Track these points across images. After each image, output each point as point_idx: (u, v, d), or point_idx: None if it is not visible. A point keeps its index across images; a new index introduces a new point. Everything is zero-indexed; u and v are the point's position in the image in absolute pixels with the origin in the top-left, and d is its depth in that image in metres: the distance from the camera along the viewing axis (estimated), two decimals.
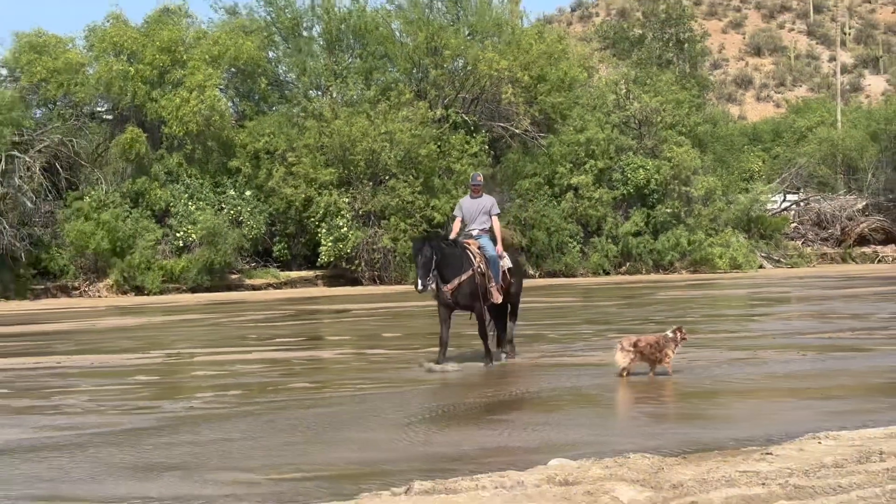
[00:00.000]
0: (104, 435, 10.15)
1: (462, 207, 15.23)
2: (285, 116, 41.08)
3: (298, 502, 6.84)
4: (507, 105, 42.66)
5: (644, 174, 43.85)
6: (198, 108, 37.43)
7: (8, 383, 14.32)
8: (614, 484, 6.70)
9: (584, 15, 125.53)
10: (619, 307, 27.01)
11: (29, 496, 7.77)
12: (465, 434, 9.75)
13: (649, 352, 12.78)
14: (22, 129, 36.09)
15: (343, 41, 43.55)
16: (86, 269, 36.36)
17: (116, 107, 39.52)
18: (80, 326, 24.61)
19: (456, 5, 45.05)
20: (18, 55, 38.77)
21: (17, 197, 34.73)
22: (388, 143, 38.77)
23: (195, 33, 41.17)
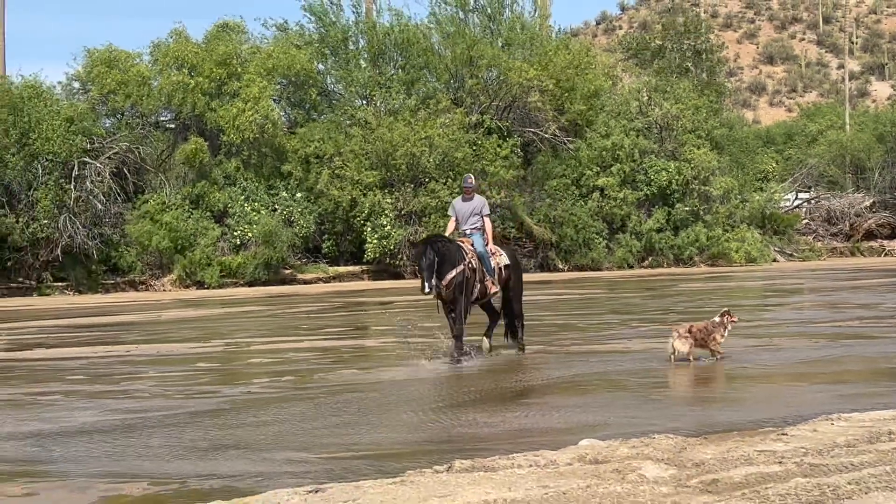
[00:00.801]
0: (170, 417, 10.21)
1: (455, 208, 14.67)
2: (333, 124, 41.16)
3: (348, 479, 6.83)
4: (536, 112, 42.69)
5: (666, 175, 43.76)
6: (253, 118, 37.59)
7: (83, 370, 14.44)
8: (641, 462, 6.67)
9: (608, 28, 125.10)
10: (642, 298, 26.90)
11: (102, 473, 7.82)
12: (501, 416, 9.73)
13: (700, 337, 12.70)
14: (93, 137, 36.37)
15: (386, 54, 43.60)
16: (151, 266, 36.62)
17: (178, 116, 39.76)
18: (147, 318, 24.79)
19: (490, 20, 45.07)
20: (90, 69, 39.08)
21: (89, 199, 35.01)
22: (427, 148, 38.81)
23: (250, 48, 41.33)
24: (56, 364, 15.53)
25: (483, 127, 41.44)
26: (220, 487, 7.24)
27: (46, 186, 34.10)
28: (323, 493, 6.21)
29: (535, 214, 41.79)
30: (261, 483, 7.17)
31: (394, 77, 43.23)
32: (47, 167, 34.45)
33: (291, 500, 6.08)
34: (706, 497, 5.79)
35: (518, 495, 5.89)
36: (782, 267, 43.95)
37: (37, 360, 16.15)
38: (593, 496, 5.84)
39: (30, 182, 34.35)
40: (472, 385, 11.70)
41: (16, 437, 9.33)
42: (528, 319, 20.65)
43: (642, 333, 17.10)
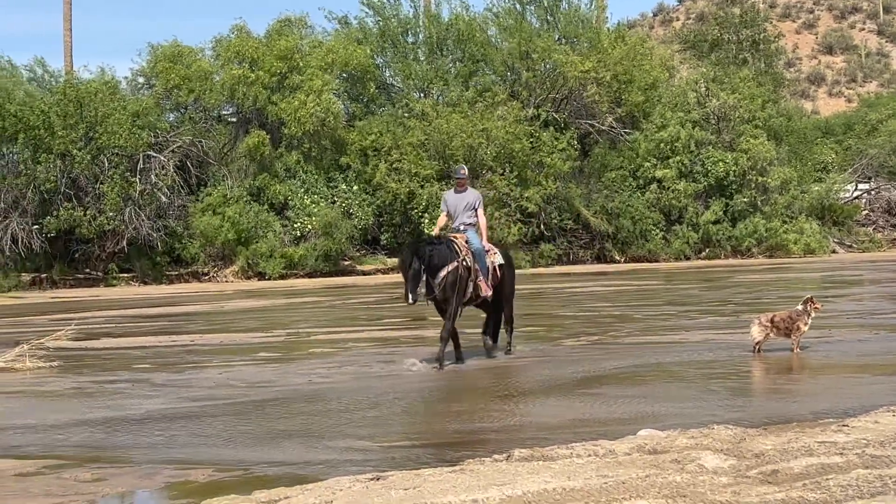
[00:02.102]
0: (233, 405, 10.31)
1: (447, 202, 13.43)
2: (391, 117, 41.26)
3: (408, 468, 6.87)
4: (593, 104, 42.49)
5: (723, 167, 43.37)
6: (314, 111, 37.78)
7: (149, 359, 14.62)
8: (700, 452, 6.62)
9: (665, 19, 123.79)
10: (699, 290, 26.66)
11: (168, 459, 7.92)
12: (559, 406, 9.71)
13: (783, 326, 12.53)
14: (157, 131, 36.76)
15: (444, 47, 43.63)
16: (214, 257, 36.98)
17: (240, 110, 40.06)
18: (210, 308, 25.05)
19: (547, 12, 44.91)
20: (154, 64, 39.51)
21: (154, 192, 35.41)
22: (484, 140, 38.78)
23: (310, 42, 41.52)
24: (123, 353, 15.77)
25: (539, 119, 41.32)
26: (284, 474, 7.31)
27: (112, 180, 34.53)
28: (384, 481, 6.25)
29: (592, 206, 41.61)
30: (323, 470, 7.22)
31: (451, 70, 43.26)
32: (113, 161, 34.89)
33: (353, 487, 6.13)
34: (766, 488, 5.74)
35: (577, 484, 5.88)
36: (842, 258, 43.34)
37: (104, 349, 16.39)
38: (652, 486, 5.81)
39: (96, 175, 34.80)
40: (529, 375, 11.69)
41: (85, 424, 9.48)
42: (585, 310, 20.71)
43: (700, 325, 16.97)
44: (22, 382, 12.53)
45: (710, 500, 5.49)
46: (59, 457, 8.12)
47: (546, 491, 5.77)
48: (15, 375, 13.05)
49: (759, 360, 12.38)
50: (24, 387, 12.20)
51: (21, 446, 8.60)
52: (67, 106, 34.95)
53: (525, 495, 5.70)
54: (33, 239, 33.79)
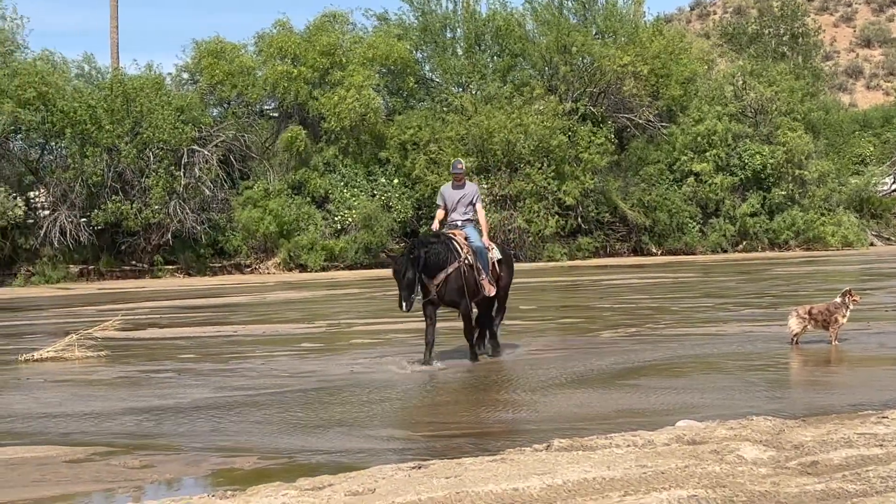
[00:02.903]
0: (277, 395, 10.38)
1: (444, 196, 12.83)
2: (430, 111, 41.24)
3: (449, 457, 6.88)
4: (631, 98, 42.30)
5: (760, 159, 43.05)
6: (353, 106, 37.85)
7: (194, 349, 14.75)
8: (739, 444, 6.59)
9: (702, 13, 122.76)
10: (736, 282, 26.48)
11: (214, 447, 7.99)
12: (598, 397, 9.69)
13: (821, 318, 12.43)
14: (201, 126, 36.96)
15: (482, 42, 43.56)
16: (256, 249, 37.16)
17: (282, 105, 40.20)
18: (253, 300, 25.19)
19: (584, 7, 44.71)
20: (198, 60, 39.73)
21: (198, 186, 35.62)
22: (522, 135, 38.70)
23: (352, 38, 41.57)
24: (168, 343, 15.90)
25: (577, 113, 41.16)
26: (327, 462, 7.36)
27: (157, 174, 34.78)
28: (426, 470, 6.27)
29: (629, 199, 41.43)
30: (366, 459, 7.26)
31: (489, 65, 43.19)
32: (158, 155, 35.13)
33: (396, 475, 6.15)
34: (806, 479, 5.70)
35: (617, 474, 5.87)
36: (879, 251, 42.88)
37: (151, 339, 16.54)
38: (692, 476, 5.79)
39: (142, 169, 35.06)
40: (568, 366, 11.66)
41: (133, 413, 9.58)
42: (622, 302, 20.63)
43: (738, 317, 16.87)
44: (71, 371, 12.68)
45: (749, 491, 5.46)
46: (107, 444, 8.21)
47: (586, 480, 5.76)
48: (65, 364, 13.20)
49: (797, 352, 12.29)
50: (73, 376, 12.33)
51: (71, 433, 8.71)
52: (114, 101, 35.24)
53: (565, 484, 5.70)
54: (81, 231, 34.10)
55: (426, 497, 5.55)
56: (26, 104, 33.46)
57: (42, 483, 7.03)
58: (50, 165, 36.10)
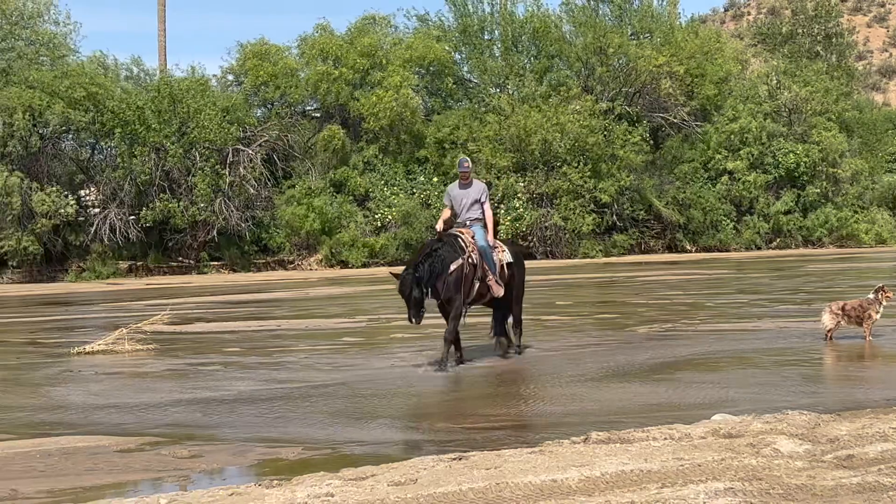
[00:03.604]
0: (319, 387, 10.40)
1: (450, 196, 12.14)
2: (468, 111, 41.27)
3: (489, 448, 6.87)
4: (666, 97, 42.09)
5: (794, 158, 42.75)
6: (391, 106, 37.93)
7: (239, 343, 14.82)
8: (775, 437, 6.53)
9: (736, 14, 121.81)
10: (770, 279, 26.25)
11: (259, 438, 8.03)
12: (635, 391, 9.63)
13: (854, 315, 12.31)
14: (245, 126, 37.20)
15: (520, 43, 43.49)
16: (299, 246, 37.35)
17: (323, 105, 40.35)
18: (295, 295, 25.27)
19: (620, 9, 44.52)
20: (243, 62, 39.97)
21: (242, 184, 35.86)
22: (559, 134, 38.63)
23: (392, 39, 41.65)
24: (215, 337, 15.98)
25: (613, 113, 41.01)
26: (369, 453, 7.37)
27: (203, 172, 35.05)
28: (466, 461, 6.27)
29: (664, 197, 41.24)
30: (407, 450, 7.27)
31: (526, 65, 43.12)
32: (204, 154, 35.40)
33: (437, 466, 6.16)
34: (842, 472, 5.65)
35: (654, 466, 5.84)
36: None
37: (197, 333, 16.63)
38: (728, 469, 5.75)
39: (188, 168, 35.34)
40: (606, 360, 11.60)
41: (181, 404, 9.65)
42: (657, 298, 20.51)
43: (772, 313, 16.71)
44: (122, 364, 12.79)
45: (785, 484, 5.42)
46: (157, 434, 8.26)
47: (624, 472, 5.74)
48: (115, 357, 13.32)
49: (831, 348, 12.16)
50: (123, 368, 12.44)
51: (122, 424, 8.78)
52: (162, 102, 35.55)
53: (603, 476, 5.68)
54: (130, 229, 34.44)
55: (467, 488, 5.55)
56: (76, 105, 33.81)
57: (94, 472, 7.10)
58: (100, 165, 36.51)
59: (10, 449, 7.82)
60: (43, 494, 6.43)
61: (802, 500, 5.17)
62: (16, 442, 8.08)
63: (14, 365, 13.08)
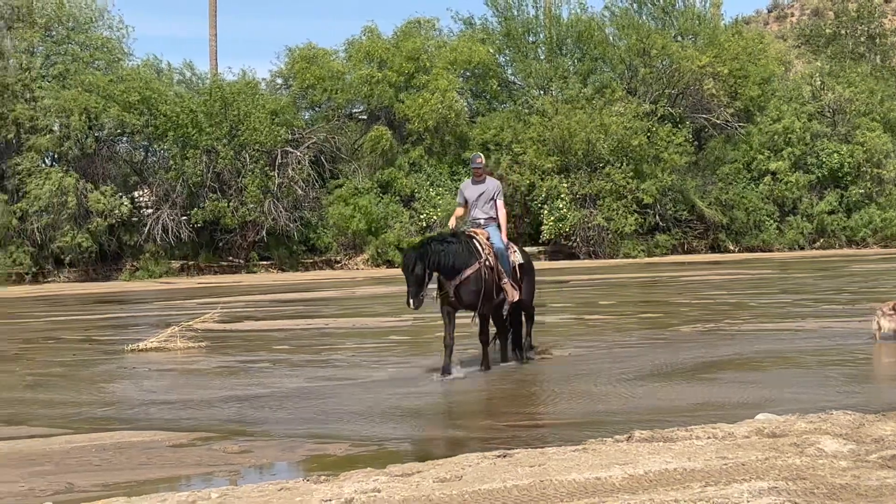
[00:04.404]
0: (367, 384, 10.45)
1: (463, 193, 11.54)
2: (512, 112, 41.20)
3: (533, 446, 6.85)
4: (709, 98, 41.76)
5: (838, 158, 42.24)
6: (437, 108, 37.97)
7: (287, 341, 14.92)
8: (819, 437, 6.45)
9: (779, 15, 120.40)
10: (814, 279, 25.93)
11: (308, 434, 8.07)
12: (678, 390, 9.56)
13: None
14: (293, 128, 37.42)
15: (564, 46, 43.32)
16: (346, 246, 37.50)
17: (369, 107, 40.47)
18: (342, 294, 25.39)
19: (663, 10, 44.22)
20: (291, 66, 40.19)
21: (291, 185, 36.07)
22: (602, 135, 38.46)
23: (436, 43, 41.68)
24: (264, 335, 16.10)
25: (656, 114, 40.76)
26: (415, 450, 7.40)
27: (253, 174, 35.31)
28: (510, 458, 6.26)
29: (707, 198, 40.91)
30: (452, 447, 7.26)
31: (570, 68, 42.95)
32: (254, 156, 35.65)
33: (481, 463, 6.15)
34: (886, 472, 5.56)
35: (697, 465, 5.79)
36: None
37: (247, 331, 16.76)
38: (772, 468, 5.69)
39: (238, 170, 35.62)
40: (648, 360, 11.53)
41: (232, 400, 9.72)
42: (700, 298, 20.35)
43: (816, 313, 16.52)
44: (174, 361, 12.91)
45: (830, 483, 5.35)
46: (208, 429, 8.33)
47: (667, 471, 5.70)
48: (167, 354, 13.45)
49: (877, 348, 11.98)
50: (175, 365, 12.57)
51: (174, 420, 8.86)
52: (213, 105, 35.86)
53: (647, 474, 5.64)
54: (182, 229, 34.79)
55: (511, 484, 5.54)
56: (131, 108, 34.21)
57: (147, 466, 7.17)
58: (153, 166, 36.92)
59: (66, 443, 7.93)
60: (98, 488, 6.50)
61: (847, 499, 5.10)
62: (72, 436, 8.19)
63: (70, 362, 13.26)
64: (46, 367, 12.62)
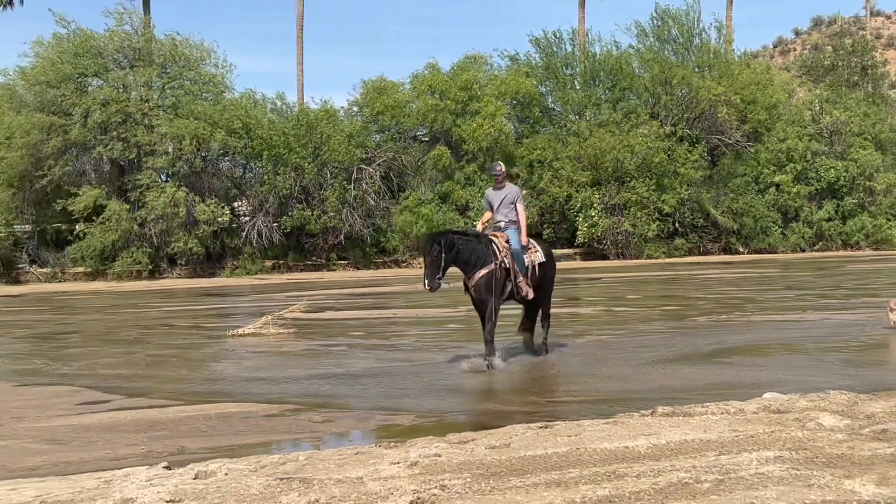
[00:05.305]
0: (427, 365, 10.46)
1: (488, 199, 10.98)
2: (552, 135, 40.97)
3: (570, 419, 6.83)
4: (723, 122, 41.26)
5: (834, 173, 41.53)
6: (488, 132, 37.92)
7: (361, 328, 15.00)
8: (818, 413, 6.34)
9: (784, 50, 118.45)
10: (814, 277, 25.47)
11: (379, 407, 8.11)
12: (695, 372, 9.46)
13: None
14: (367, 148, 37.58)
15: (596, 78, 43.00)
16: (410, 248, 37.54)
17: (431, 131, 40.50)
18: (408, 289, 25.42)
19: (683, 46, 43.73)
20: (365, 95, 40.39)
21: (364, 197, 36.24)
22: (629, 153, 38.14)
23: (487, 76, 41.61)
24: (341, 323, 16.21)
25: (676, 135, 40.34)
26: (470, 421, 7.40)
27: (333, 187, 35.53)
28: (551, 429, 6.24)
29: (720, 206, 40.37)
30: (502, 419, 7.25)
31: (602, 96, 42.62)
32: (334, 172, 35.87)
33: (526, 433, 6.14)
34: (877, 444, 5.46)
35: (713, 436, 5.73)
36: None
37: (327, 319, 16.88)
38: (777, 440, 5.61)
39: (321, 184, 35.86)
40: (668, 346, 11.42)
41: (315, 378, 9.80)
42: (714, 293, 20.07)
43: (815, 306, 16.23)
44: (267, 345, 13.05)
45: (827, 453, 5.26)
46: (295, 403, 8.41)
47: (686, 441, 5.64)
48: (262, 339, 13.60)
49: (869, 336, 11.73)
50: (268, 348, 12.69)
51: (267, 394, 8.96)
52: (300, 129, 36.14)
53: (668, 444, 5.59)
54: (273, 233, 35.13)
55: (552, 451, 5.53)
56: (233, 133, 34.64)
57: (245, 433, 7.26)
58: (250, 181, 37.29)
59: (179, 413, 8.06)
60: (205, 450, 6.60)
61: (842, 467, 5.01)
62: (183, 407, 8.32)
63: (182, 345, 13.46)
64: (162, 349, 12.82)
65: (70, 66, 34.32)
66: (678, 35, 43.77)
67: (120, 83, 35.07)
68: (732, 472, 4.92)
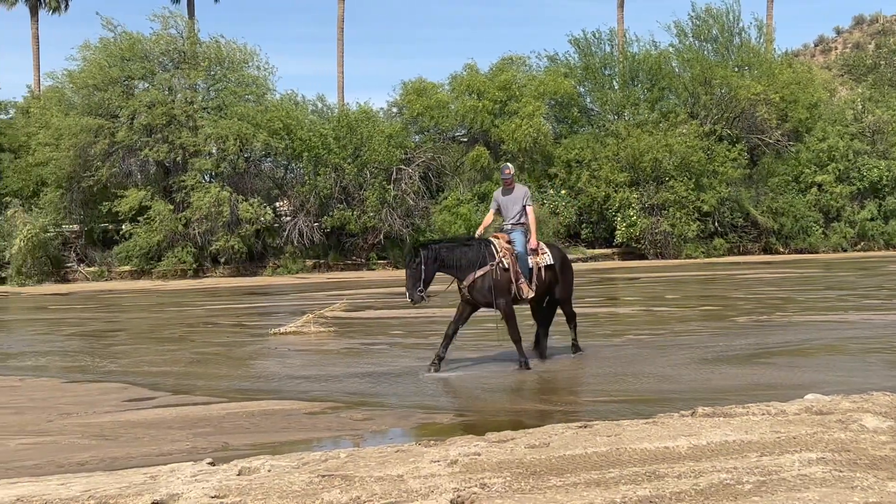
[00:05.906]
0: (466, 365, 10.45)
1: (497, 201, 10.92)
2: (590, 135, 40.76)
3: (610, 419, 6.78)
4: (762, 121, 40.74)
5: (877, 172, 40.83)
6: (527, 132, 37.81)
7: (401, 327, 15.00)
8: (861, 415, 6.23)
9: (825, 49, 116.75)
10: (856, 277, 25.05)
11: (419, 405, 8.13)
12: (736, 372, 9.35)
13: None
14: (406, 149, 37.61)
15: (635, 78, 42.69)
16: None
17: (469, 131, 40.47)
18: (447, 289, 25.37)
19: (724, 46, 43.26)
20: (404, 97, 40.46)
21: (404, 197, 36.26)
22: (668, 153, 37.81)
23: (526, 76, 41.49)
24: (381, 322, 16.25)
25: (715, 135, 39.92)
26: (509, 420, 7.37)
27: (373, 187, 35.61)
28: (591, 429, 6.20)
29: (759, 206, 39.87)
30: (541, 418, 7.23)
31: (641, 96, 42.30)
32: (374, 172, 35.95)
33: (566, 433, 6.10)
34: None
35: (754, 438, 5.65)
36: None
37: (368, 318, 16.94)
38: (819, 441, 5.52)
39: (361, 184, 35.97)
40: (708, 346, 11.30)
41: (355, 376, 9.84)
42: (754, 293, 19.82)
43: (858, 306, 15.96)
44: (308, 343, 13.13)
45: (871, 455, 5.17)
46: (336, 400, 8.45)
47: (727, 442, 5.57)
48: (303, 337, 13.68)
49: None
50: (309, 346, 12.76)
51: (309, 391, 9.01)
52: (340, 131, 36.29)
53: (709, 445, 5.53)
54: (314, 233, 35.31)
55: (591, 451, 5.49)
56: (274, 134, 34.89)
57: (288, 430, 7.31)
58: (291, 181, 37.50)
59: (222, 410, 8.13)
60: (247, 447, 6.65)
61: (885, 469, 4.92)
62: (227, 404, 8.39)
63: (225, 342, 13.57)
64: (206, 347, 12.94)
65: (117, 70, 34.79)
66: (718, 34, 43.31)
67: (165, 86, 35.47)
68: (774, 474, 4.85)
